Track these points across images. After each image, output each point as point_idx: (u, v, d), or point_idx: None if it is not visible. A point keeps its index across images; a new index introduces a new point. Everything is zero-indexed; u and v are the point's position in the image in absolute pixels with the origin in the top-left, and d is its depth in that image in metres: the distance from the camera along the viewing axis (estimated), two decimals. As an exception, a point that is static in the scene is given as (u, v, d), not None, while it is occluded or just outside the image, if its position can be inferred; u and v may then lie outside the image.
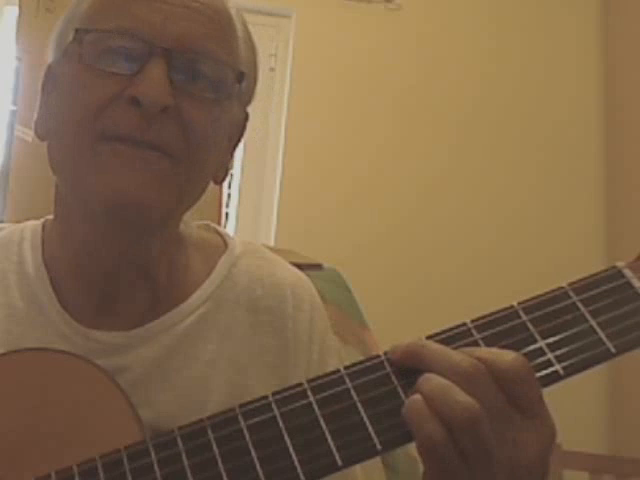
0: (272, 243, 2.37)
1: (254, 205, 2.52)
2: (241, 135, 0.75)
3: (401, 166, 2.55)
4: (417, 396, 0.48)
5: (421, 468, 0.50)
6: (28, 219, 0.78)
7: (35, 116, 0.71)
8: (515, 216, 2.55)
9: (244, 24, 0.71)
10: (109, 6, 0.65)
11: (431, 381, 0.48)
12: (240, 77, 0.67)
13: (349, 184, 2.50)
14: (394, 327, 1.43)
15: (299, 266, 0.82)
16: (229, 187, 2.48)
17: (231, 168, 0.75)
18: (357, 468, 0.72)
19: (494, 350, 0.50)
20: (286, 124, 2.52)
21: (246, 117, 0.75)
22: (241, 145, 0.76)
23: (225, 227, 2.24)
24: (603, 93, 2.70)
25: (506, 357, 0.48)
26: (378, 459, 0.77)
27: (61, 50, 0.68)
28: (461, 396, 0.46)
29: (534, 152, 2.62)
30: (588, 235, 2.56)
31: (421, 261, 2.47)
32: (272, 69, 2.58)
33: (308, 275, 0.82)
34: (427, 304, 2.36)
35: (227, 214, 2.45)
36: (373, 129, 2.56)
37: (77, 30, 0.65)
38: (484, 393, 0.47)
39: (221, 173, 0.74)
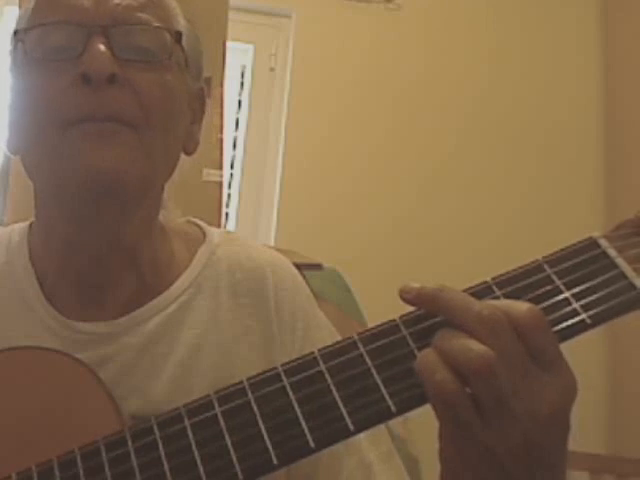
0: (272, 243, 2.37)
1: (254, 205, 2.52)
2: (203, 106, 0.78)
3: (401, 166, 2.55)
4: (428, 349, 0.48)
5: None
6: (28, 219, 0.78)
7: (6, 135, 0.72)
8: (515, 215, 2.55)
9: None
10: (43, 4, 0.69)
11: (447, 333, 0.48)
12: (177, 36, 0.70)
13: (349, 184, 2.50)
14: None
15: (299, 266, 0.82)
16: (229, 187, 2.48)
17: (198, 139, 0.77)
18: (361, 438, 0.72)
19: (509, 301, 0.49)
20: (286, 124, 2.52)
21: (202, 89, 0.77)
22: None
23: (225, 227, 2.23)
24: (603, 93, 2.70)
25: (522, 306, 0.48)
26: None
27: (12, 60, 0.70)
28: (476, 345, 0.46)
29: (534, 151, 2.62)
30: (588, 234, 2.56)
31: (421, 261, 2.46)
32: (272, 69, 2.58)
33: (308, 275, 0.82)
34: (427, 304, 2.35)
35: (227, 214, 2.45)
36: (373, 129, 2.56)
37: (16, 31, 0.68)
38: (502, 342, 0.46)
39: (190, 144, 0.76)
